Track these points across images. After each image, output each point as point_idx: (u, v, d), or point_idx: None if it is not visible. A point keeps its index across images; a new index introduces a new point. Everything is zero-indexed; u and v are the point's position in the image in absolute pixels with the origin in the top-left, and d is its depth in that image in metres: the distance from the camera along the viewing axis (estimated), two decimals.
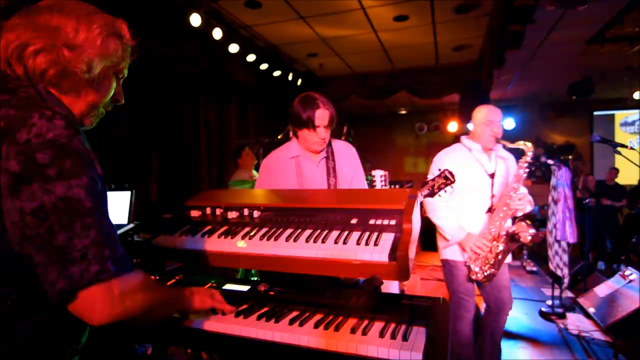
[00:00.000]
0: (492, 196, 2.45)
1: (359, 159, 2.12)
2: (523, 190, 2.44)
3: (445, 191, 1.53)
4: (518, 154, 2.42)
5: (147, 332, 1.36)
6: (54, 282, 0.72)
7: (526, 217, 2.42)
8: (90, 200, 0.76)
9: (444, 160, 2.53)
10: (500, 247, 2.32)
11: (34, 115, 0.74)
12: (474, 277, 2.37)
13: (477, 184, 2.46)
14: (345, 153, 2.06)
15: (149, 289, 0.89)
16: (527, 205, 2.37)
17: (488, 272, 2.33)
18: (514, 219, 2.42)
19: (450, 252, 2.53)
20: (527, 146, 2.34)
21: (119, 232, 1.74)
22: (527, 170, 2.33)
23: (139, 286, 0.85)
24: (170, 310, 1.09)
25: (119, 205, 2.12)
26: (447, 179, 1.47)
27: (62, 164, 0.73)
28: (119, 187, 2.14)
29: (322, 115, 1.86)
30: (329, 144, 2.02)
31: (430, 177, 1.57)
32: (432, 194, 1.50)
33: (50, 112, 0.76)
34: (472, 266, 2.37)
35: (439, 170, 1.52)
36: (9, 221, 0.72)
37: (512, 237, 2.30)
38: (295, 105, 1.92)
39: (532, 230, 2.26)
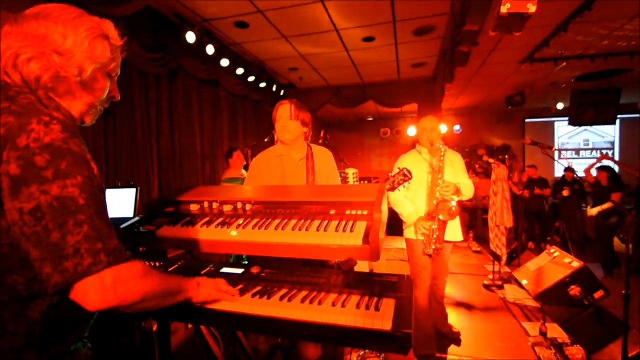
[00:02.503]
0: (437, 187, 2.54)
1: (334, 160, 2.14)
2: (450, 179, 2.50)
3: (403, 186, 1.59)
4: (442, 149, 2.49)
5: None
6: (49, 275, 0.69)
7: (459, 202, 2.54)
8: (84, 198, 0.71)
9: (401, 160, 2.71)
10: (434, 225, 2.42)
11: (33, 121, 0.70)
12: (426, 251, 2.50)
13: (421, 177, 2.59)
14: (322, 155, 2.07)
15: (146, 278, 0.82)
16: (452, 191, 2.41)
17: (434, 246, 2.45)
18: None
19: (409, 233, 2.65)
20: (441, 143, 2.46)
21: (125, 224, 1.69)
22: (442, 163, 2.41)
23: (135, 276, 0.79)
24: (174, 299, 0.97)
25: (125, 201, 2.06)
26: (404, 175, 1.53)
27: (57, 166, 0.69)
28: (125, 185, 2.08)
29: (281, 109, 1.93)
30: (310, 148, 2.03)
31: (391, 174, 1.63)
32: (392, 188, 1.55)
33: (48, 117, 0.72)
34: (425, 244, 2.50)
35: (399, 168, 1.58)
36: (10, 220, 0.68)
37: (437, 215, 2.38)
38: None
39: (452, 207, 2.32)
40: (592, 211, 5.15)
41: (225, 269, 1.44)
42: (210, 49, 4.27)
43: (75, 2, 0.94)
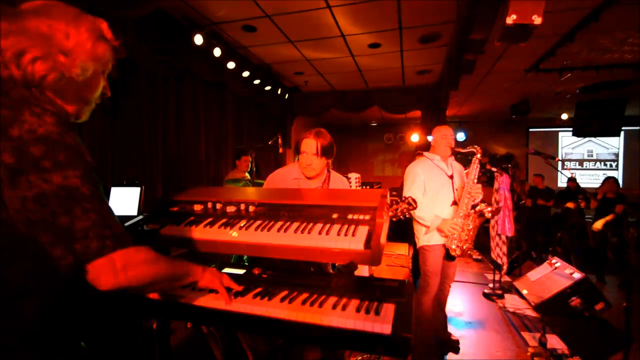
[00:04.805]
0: (455, 191, 2.64)
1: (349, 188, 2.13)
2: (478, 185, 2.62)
3: (408, 215, 1.57)
4: (469, 155, 2.63)
5: (153, 309, 1.34)
6: (61, 257, 0.72)
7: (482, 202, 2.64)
8: (88, 188, 0.74)
9: (415, 169, 2.71)
10: (471, 225, 2.48)
11: (25, 112, 0.71)
12: (453, 254, 2.52)
13: (441, 183, 2.64)
14: (338, 183, 2.06)
15: (153, 262, 0.86)
16: (481, 193, 2.55)
17: (464, 246, 2.49)
18: (474, 205, 2.58)
19: (426, 240, 2.65)
20: (476, 148, 2.58)
21: (129, 222, 1.71)
22: (479, 165, 2.55)
23: (143, 259, 0.83)
24: (181, 282, 1.04)
25: (130, 199, 2.08)
26: (410, 204, 1.51)
27: (56, 157, 0.71)
28: (130, 184, 2.10)
29: (308, 143, 1.85)
30: (328, 174, 2.02)
31: (403, 192, 1.61)
32: (395, 217, 1.53)
33: (40, 109, 0.73)
34: (451, 246, 2.51)
35: (404, 197, 1.56)
36: (12, 209, 0.69)
37: (479, 214, 2.46)
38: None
39: (489, 208, 2.45)
40: (598, 225, 5.12)
41: (227, 270, 1.45)
42: (217, 52, 4.32)
43: (87, 4, 0.95)
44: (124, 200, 2.08)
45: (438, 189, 2.63)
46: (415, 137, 9.26)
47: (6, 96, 0.74)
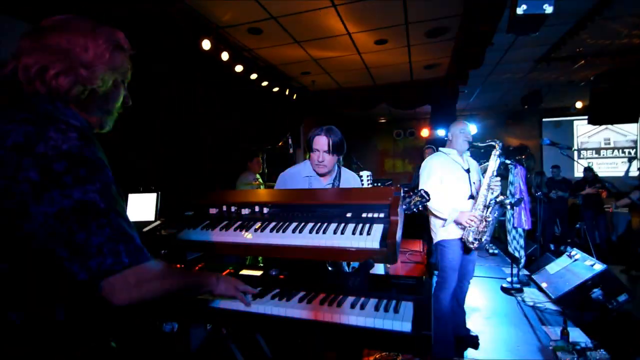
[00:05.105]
0: (471, 185, 2.64)
1: (360, 184, 2.14)
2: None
3: (420, 207, 1.56)
4: (488, 150, 2.63)
5: (174, 312, 1.36)
6: (76, 273, 0.73)
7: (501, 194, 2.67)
8: (105, 202, 0.75)
9: (432, 163, 2.71)
10: (490, 216, 2.49)
11: (50, 129, 0.73)
12: (471, 246, 2.53)
13: (458, 178, 2.65)
14: (350, 180, 2.07)
15: (168, 277, 0.87)
16: (500, 185, 2.57)
17: (482, 238, 2.51)
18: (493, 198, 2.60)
19: (443, 234, 2.64)
20: (496, 142, 2.58)
21: (147, 228, 1.74)
22: (499, 159, 2.56)
23: (156, 275, 0.83)
24: (195, 293, 1.06)
25: (147, 205, 2.12)
26: (422, 197, 1.51)
27: (77, 172, 0.72)
28: (147, 190, 2.14)
29: (319, 141, 1.87)
30: (339, 171, 2.04)
31: (415, 183, 1.62)
32: (409, 209, 1.53)
33: (65, 125, 0.75)
34: (468, 238, 2.52)
35: (416, 190, 1.55)
36: (36, 223, 0.71)
37: (501, 203, 2.48)
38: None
39: (509, 200, 2.48)
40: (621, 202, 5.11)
41: (244, 272, 1.47)
42: (224, 56, 4.36)
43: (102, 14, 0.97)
44: (141, 206, 2.12)
45: (455, 183, 2.63)
46: (425, 132, 9.19)
47: (32, 112, 0.76)
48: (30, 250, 0.73)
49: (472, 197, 2.60)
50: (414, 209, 1.52)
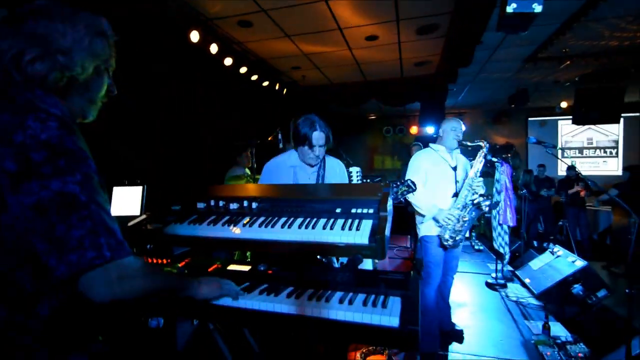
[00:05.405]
0: (456, 183, 2.66)
1: (345, 171, 2.15)
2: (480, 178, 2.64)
3: (407, 197, 1.60)
4: (476, 149, 2.60)
5: (159, 308, 1.34)
6: (54, 267, 0.70)
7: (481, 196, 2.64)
8: (85, 194, 0.72)
9: (419, 159, 2.74)
10: (467, 217, 2.50)
11: (29, 117, 0.70)
12: (446, 243, 2.55)
13: (444, 175, 2.67)
14: (335, 167, 2.09)
15: (149, 275, 0.85)
16: (482, 186, 2.58)
17: (457, 237, 2.53)
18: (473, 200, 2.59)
19: (425, 229, 2.68)
20: (483, 142, 2.57)
21: (132, 222, 1.71)
22: (484, 160, 2.55)
23: (137, 271, 0.80)
24: (177, 294, 1.04)
25: (132, 199, 2.07)
26: (409, 187, 1.54)
27: (56, 162, 0.70)
28: (132, 183, 2.09)
29: (318, 137, 1.87)
30: (323, 159, 2.03)
31: (403, 178, 1.65)
32: (396, 199, 1.55)
33: (45, 114, 0.72)
34: (444, 236, 2.55)
35: (403, 180, 1.58)
36: (13, 215, 0.69)
37: (477, 205, 2.48)
38: (297, 124, 1.91)
39: (487, 202, 2.46)
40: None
41: (232, 267, 1.45)
42: (214, 48, 4.29)
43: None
44: (126, 200, 2.08)
45: (440, 180, 2.65)
46: (414, 129, 9.26)
47: (10, 100, 0.73)
48: (9, 243, 0.70)
49: (456, 195, 2.63)
50: (401, 198, 1.55)
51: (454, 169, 2.68)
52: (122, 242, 0.78)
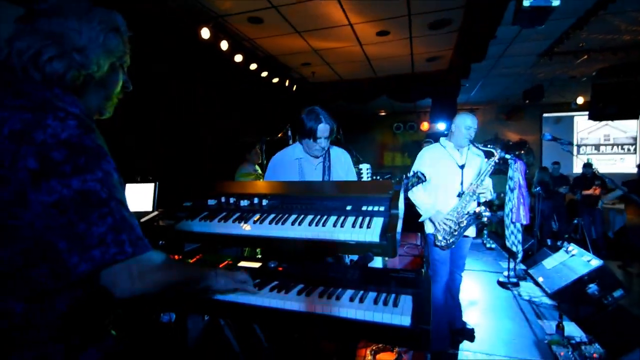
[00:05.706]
0: (462, 183, 2.56)
1: (351, 160, 2.14)
2: (488, 182, 2.57)
3: (407, 194, 1.61)
4: (487, 155, 2.56)
5: (171, 303, 1.36)
6: (76, 265, 0.71)
7: (486, 203, 2.60)
8: (106, 192, 0.73)
9: (424, 155, 2.69)
10: (465, 223, 2.45)
11: (49, 117, 0.71)
12: (438, 244, 2.52)
13: (448, 172, 2.58)
14: (340, 157, 2.07)
15: (169, 269, 0.86)
16: (488, 193, 2.53)
17: (450, 240, 2.49)
18: (479, 204, 2.53)
19: (429, 227, 2.64)
20: (496, 151, 2.47)
21: (145, 218, 1.73)
22: (493, 168, 2.46)
23: (159, 266, 0.82)
24: (195, 286, 1.04)
25: (144, 196, 2.10)
26: (419, 178, 1.56)
27: (76, 161, 0.71)
28: (144, 180, 2.12)
29: (323, 129, 1.86)
30: (327, 149, 2.03)
31: (410, 172, 1.65)
32: (407, 189, 1.56)
33: (64, 113, 0.73)
34: (437, 236, 2.52)
35: (414, 172, 1.59)
36: (35, 213, 0.70)
37: (477, 215, 2.43)
38: (302, 117, 1.90)
39: (488, 213, 2.40)
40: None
41: (242, 263, 1.46)
42: (224, 45, 4.30)
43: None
44: (139, 197, 2.11)
45: (444, 178, 2.56)
46: (425, 126, 9.16)
47: (28, 99, 0.74)
48: (28, 239, 0.72)
49: (460, 194, 2.53)
50: (411, 189, 1.58)
51: (462, 167, 2.57)
52: (143, 238, 0.80)
